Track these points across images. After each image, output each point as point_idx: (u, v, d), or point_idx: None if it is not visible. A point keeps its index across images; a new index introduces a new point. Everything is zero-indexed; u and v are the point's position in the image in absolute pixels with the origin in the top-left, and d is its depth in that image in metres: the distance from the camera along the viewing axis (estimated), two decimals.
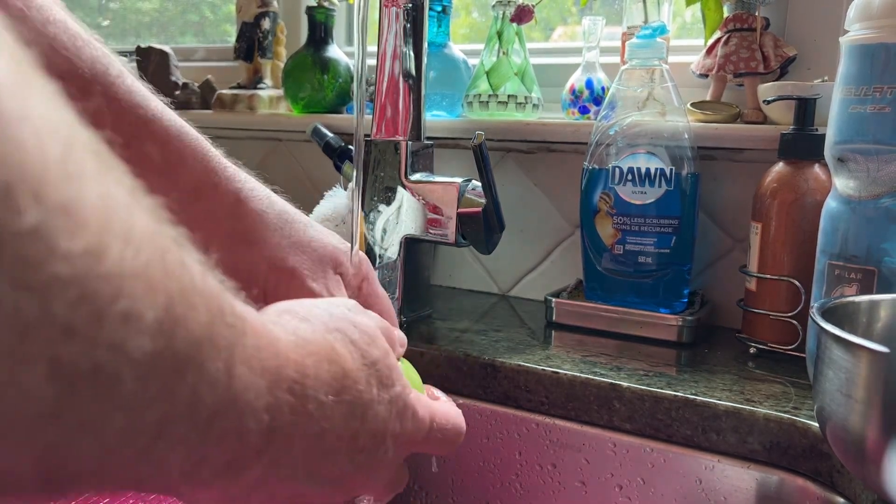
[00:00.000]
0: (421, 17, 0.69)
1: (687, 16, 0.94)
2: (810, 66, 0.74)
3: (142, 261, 0.17)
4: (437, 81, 0.85)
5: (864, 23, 0.49)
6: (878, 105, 0.49)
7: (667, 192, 0.67)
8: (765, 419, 0.51)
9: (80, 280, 0.15)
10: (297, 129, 0.96)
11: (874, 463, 0.36)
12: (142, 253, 0.17)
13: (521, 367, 0.60)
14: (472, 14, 1.14)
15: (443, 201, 0.68)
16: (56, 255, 0.15)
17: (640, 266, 0.69)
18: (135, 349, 0.17)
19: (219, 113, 1.03)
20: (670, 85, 0.68)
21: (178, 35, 1.39)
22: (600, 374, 0.58)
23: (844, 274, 0.52)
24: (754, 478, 0.52)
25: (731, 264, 0.75)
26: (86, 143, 0.17)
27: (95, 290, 0.16)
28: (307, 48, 0.96)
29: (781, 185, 0.63)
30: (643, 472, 0.56)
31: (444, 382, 0.64)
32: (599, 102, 0.80)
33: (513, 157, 0.85)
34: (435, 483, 0.65)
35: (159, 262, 0.18)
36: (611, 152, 0.69)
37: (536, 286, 0.85)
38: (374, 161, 0.71)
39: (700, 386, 0.56)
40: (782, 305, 0.64)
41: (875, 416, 0.36)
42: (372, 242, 0.72)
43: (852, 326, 0.45)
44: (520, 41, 0.83)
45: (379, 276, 0.72)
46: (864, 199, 0.51)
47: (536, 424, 0.60)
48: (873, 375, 0.36)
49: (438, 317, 0.76)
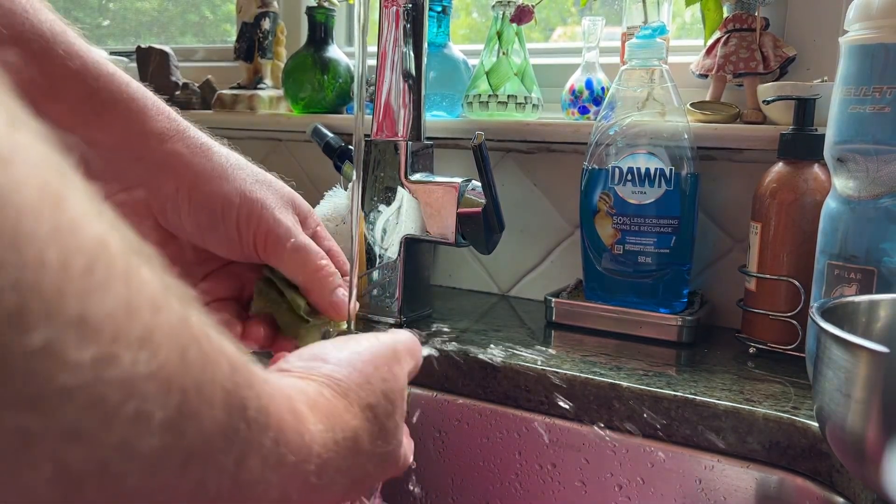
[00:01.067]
0: (421, 17, 0.69)
1: (687, 16, 0.94)
2: (810, 66, 0.74)
3: (158, 361, 0.17)
4: (437, 81, 0.85)
5: (863, 23, 0.50)
6: (878, 105, 0.49)
7: (666, 192, 0.67)
8: (764, 419, 0.51)
9: (89, 387, 0.15)
10: (297, 129, 0.96)
11: (873, 463, 0.36)
12: (159, 353, 0.17)
13: (521, 367, 0.60)
14: (472, 14, 1.14)
15: (443, 201, 0.68)
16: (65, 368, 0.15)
17: (639, 266, 0.69)
18: (143, 447, 0.17)
19: (219, 113, 1.03)
20: (670, 85, 0.68)
21: (178, 35, 1.39)
22: (600, 373, 0.58)
23: (844, 274, 0.52)
24: (754, 477, 0.52)
25: (731, 264, 0.75)
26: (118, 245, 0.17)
27: (104, 396, 0.16)
28: (307, 48, 0.96)
29: (781, 186, 0.63)
30: (643, 472, 0.56)
31: (444, 382, 0.64)
32: (599, 103, 0.80)
33: (513, 158, 0.85)
34: (435, 483, 0.65)
35: (178, 360, 0.18)
36: (610, 152, 0.69)
37: (536, 286, 0.85)
38: (374, 161, 0.72)
39: (700, 386, 0.56)
40: (782, 305, 0.64)
41: (874, 416, 0.36)
42: (372, 242, 0.72)
43: (852, 326, 0.45)
44: (520, 41, 0.83)
45: (379, 277, 0.72)
46: (864, 199, 0.51)
47: (536, 424, 0.60)
48: (873, 375, 0.36)
49: (438, 317, 0.76)
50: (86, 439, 0.16)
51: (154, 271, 0.18)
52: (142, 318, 0.17)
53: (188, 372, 0.19)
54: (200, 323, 0.20)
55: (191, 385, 0.19)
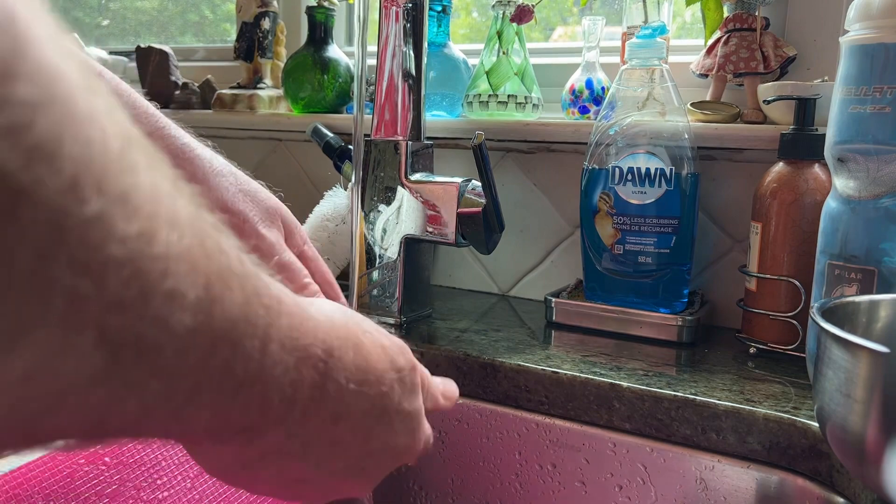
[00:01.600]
0: (421, 17, 0.69)
1: (687, 16, 0.94)
2: (810, 66, 0.74)
3: (185, 244, 0.19)
4: (437, 81, 0.85)
5: (863, 23, 0.50)
6: (878, 105, 0.49)
7: (667, 192, 0.67)
8: (764, 419, 0.51)
9: (133, 260, 0.17)
10: (297, 129, 0.96)
11: (874, 463, 0.36)
12: (185, 237, 0.19)
13: (521, 367, 0.60)
14: (472, 14, 1.14)
15: (443, 201, 0.68)
16: (114, 239, 0.16)
17: (639, 266, 0.69)
18: (177, 324, 0.19)
19: (219, 113, 1.03)
20: (670, 85, 0.68)
21: (178, 35, 1.39)
22: (600, 373, 0.58)
23: (844, 274, 0.52)
24: (754, 478, 0.52)
25: (731, 264, 0.75)
26: (138, 139, 0.18)
27: (146, 270, 0.17)
28: (307, 48, 0.96)
29: (781, 185, 0.63)
30: (643, 472, 0.56)
31: None
32: (599, 102, 0.80)
33: (513, 157, 0.85)
34: (435, 483, 0.65)
35: (200, 246, 0.19)
36: (611, 152, 0.69)
37: (536, 286, 0.85)
38: (374, 161, 0.71)
39: (700, 386, 0.56)
40: (782, 305, 0.64)
41: (874, 416, 0.36)
42: (372, 242, 0.72)
43: (852, 326, 0.45)
44: (520, 41, 0.83)
45: (379, 277, 0.72)
46: (864, 199, 0.51)
47: (536, 424, 0.60)
48: (873, 375, 0.36)
49: (438, 317, 0.76)
50: (128, 310, 0.17)
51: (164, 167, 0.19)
52: (167, 203, 0.18)
53: (210, 257, 0.20)
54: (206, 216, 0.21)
55: (213, 270, 0.20)
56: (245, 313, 0.21)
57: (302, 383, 0.25)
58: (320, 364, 0.26)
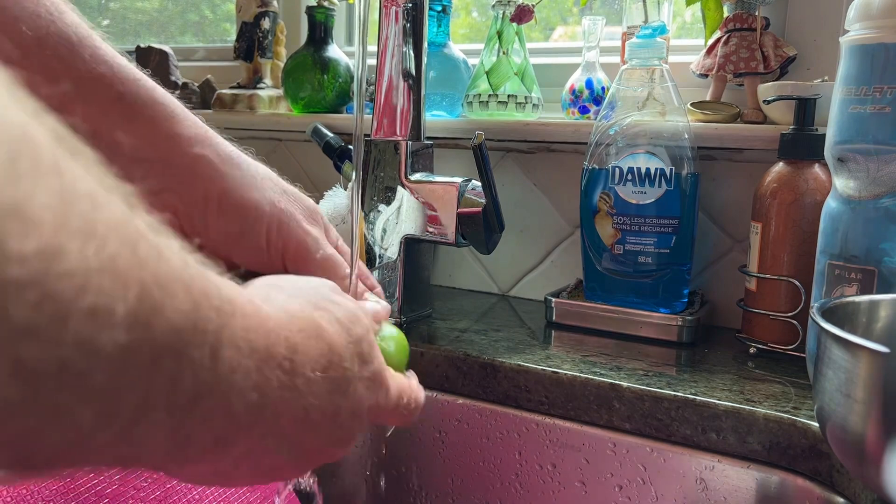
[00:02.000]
0: (421, 16, 0.69)
1: (687, 16, 0.94)
2: (810, 66, 0.74)
3: (108, 254, 0.17)
4: (437, 81, 0.85)
5: (864, 23, 0.49)
6: (878, 105, 0.49)
7: (667, 191, 0.67)
8: (765, 419, 0.51)
9: (39, 282, 0.15)
10: (297, 129, 0.96)
11: (874, 463, 0.36)
12: (108, 246, 0.17)
13: (521, 367, 0.60)
14: (472, 14, 1.14)
15: (443, 201, 0.68)
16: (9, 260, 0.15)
17: (639, 266, 0.69)
18: (106, 343, 0.17)
19: (219, 113, 1.03)
20: (670, 85, 0.68)
21: (178, 35, 1.39)
22: (600, 373, 0.58)
23: (844, 274, 0.52)
24: (754, 478, 0.52)
25: (731, 264, 0.75)
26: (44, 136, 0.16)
27: (56, 290, 0.16)
28: (307, 48, 0.96)
29: (781, 185, 0.63)
30: (643, 472, 0.56)
31: (444, 382, 0.64)
32: (599, 102, 0.80)
33: (513, 157, 0.85)
34: (435, 483, 0.65)
35: (130, 254, 0.18)
36: (611, 152, 0.69)
37: (536, 286, 0.85)
38: (374, 161, 0.71)
39: (700, 386, 0.56)
40: (782, 305, 0.64)
41: (875, 416, 0.36)
42: (372, 242, 0.72)
43: (852, 326, 0.45)
44: (520, 41, 0.83)
45: (379, 277, 0.72)
46: (864, 199, 0.51)
47: (536, 424, 0.60)
48: (873, 375, 0.36)
49: (438, 317, 0.76)
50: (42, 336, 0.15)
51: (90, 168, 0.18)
52: (81, 211, 0.16)
53: (144, 265, 0.18)
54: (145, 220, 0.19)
55: (149, 277, 0.18)
56: (192, 320, 0.20)
57: (269, 385, 0.24)
58: (286, 363, 0.26)
